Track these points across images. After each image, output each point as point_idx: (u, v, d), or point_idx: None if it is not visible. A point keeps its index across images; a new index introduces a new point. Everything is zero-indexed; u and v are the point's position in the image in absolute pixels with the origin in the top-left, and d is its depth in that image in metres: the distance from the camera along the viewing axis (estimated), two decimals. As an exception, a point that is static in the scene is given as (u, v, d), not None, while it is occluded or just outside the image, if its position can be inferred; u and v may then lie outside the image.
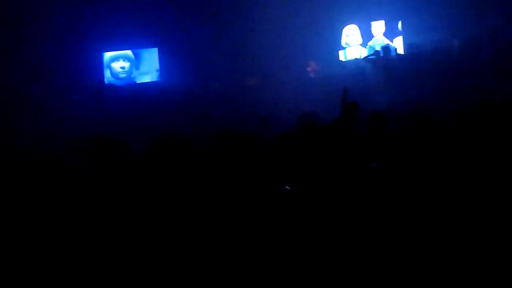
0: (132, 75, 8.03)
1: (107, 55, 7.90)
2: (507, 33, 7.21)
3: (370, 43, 8.82)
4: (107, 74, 7.86)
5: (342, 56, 8.90)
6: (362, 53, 8.67)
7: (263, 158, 3.35)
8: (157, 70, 8.09)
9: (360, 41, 8.87)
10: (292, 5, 8.10)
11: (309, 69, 8.36)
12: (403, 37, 8.70)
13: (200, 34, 8.11)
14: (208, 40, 8.13)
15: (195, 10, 8.07)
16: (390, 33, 8.87)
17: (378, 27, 8.88)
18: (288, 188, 2.84)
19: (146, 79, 8.03)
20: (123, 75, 7.95)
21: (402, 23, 8.73)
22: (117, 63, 7.92)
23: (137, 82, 8.00)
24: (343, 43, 8.89)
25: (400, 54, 8.36)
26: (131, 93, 7.37)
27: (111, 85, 7.61)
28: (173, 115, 6.28)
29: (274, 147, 3.62)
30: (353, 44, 8.85)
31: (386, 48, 8.24)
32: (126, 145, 3.22)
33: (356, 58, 8.60)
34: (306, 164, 3.10)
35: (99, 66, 7.79)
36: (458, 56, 7.23)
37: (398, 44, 8.69)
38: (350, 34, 8.85)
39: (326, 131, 3.28)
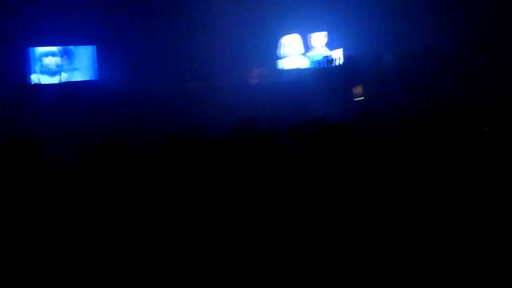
0: (66, 73, 7.61)
1: (38, 50, 7.43)
2: (439, 46, 7.68)
3: (310, 53, 9.03)
4: (37, 70, 7.38)
5: (281, 64, 9.02)
6: (303, 62, 8.85)
7: (198, 162, 3.32)
8: (94, 69, 7.74)
9: (302, 50, 9.05)
10: (235, 10, 8.12)
11: (251, 75, 8.40)
12: (343, 49, 9.00)
13: (140, 34, 7.91)
14: (149, 41, 7.94)
15: (136, 9, 7.84)
16: (330, 44, 9.15)
17: (319, 38, 9.11)
18: (224, 193, 2.83)
19: (82, 77, 7.64)
20: (55, 73, 7.51)
21: (342, 35, 9.03)
22: (48, 59, 7.46)
23: (72, 80, 7.60)
24: (282, 52, 9.00)
25: (340, 65, 8.64)
26: (62, 92, 6.98)
27: (36, 84, 7.14)
28: (109, 117, 6.03)
29: (210, 152, 3.59)
30: (294, 54, 9.01)
31: (328, 59, 8.50)
32: (49, 147, 3.06)
33: (297, 68, 8.76)
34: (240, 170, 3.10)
35: (26, 62, 7.30)
36: (394, 67, 7.61)
37: (338, 56, 8.97)
38: (291, 44, 9.00)
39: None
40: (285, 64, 9.01)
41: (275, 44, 9.03)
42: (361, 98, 7.32)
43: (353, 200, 2.59)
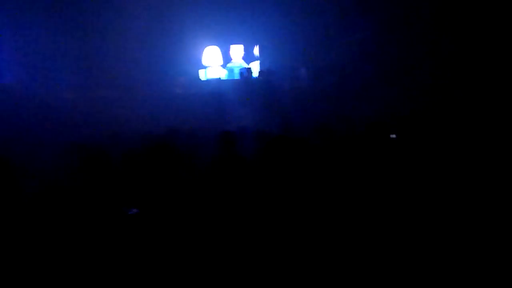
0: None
1: None
2: (353, 63, 8.19)
3: (229, 64, 9.15)
4: None
5: (203, 75, 9.04)
6: (222, 74, 8.95)
7: (110, 173, 3.13)
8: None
9: (221, 62, 9.13)
10: (155, 20, 7.97)
11: (171, 84, 8.27)
12: (260, 62, 9.22)
13: (51, 39, 7.38)
14: (60, 46, 7.44)
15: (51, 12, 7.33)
16: (248, 57, 9.33)
17: (237, 50, 9.26)
18: (135, 211, 2.69)
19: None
20: None
21: (259, 48, 9.26)
22: None
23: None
24: (203, 63, 9.05)
25: (256, 77, 8.84)
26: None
27: None
28: (15, 123, 5.51)
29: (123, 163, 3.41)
30: (214, 64, 9.08)
31: (245, 71, 8.66)
32: None
33: (216, 78, 8.82)
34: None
35: None
36: (308, 81, 7.96)
37: (255, 68, 9.18)
38: (211, 55, 9.07)
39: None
40: (206, 74, 9.02)
41: (198, 55, 9.01)
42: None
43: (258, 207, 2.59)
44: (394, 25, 7.47)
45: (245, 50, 9.29)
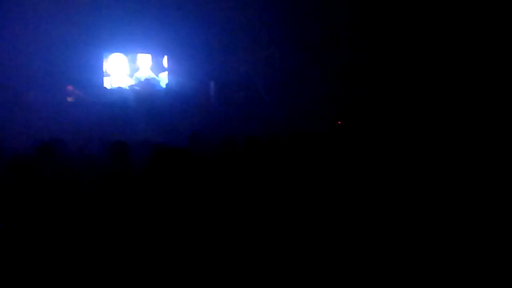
0: None
1: None
2: (253, 82, 8.37)
3: (136, 74, 8.78)
4: None
5: (108, 83, 8.57)
6: (128, 82, 8.55)
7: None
8: None
9: (127, 71, 8.73)
10: (53, 24, 7.42)
11: (68, 93, 7.69)
12: (168, 73, 9.01)
13: None
14: None
15: None
16: (156, 67, 9.07)
17: (144, 59, 8.94)
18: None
19: None
20: None
21: (168, 59, 9.06)
22: None
23: None
24: (107, 71, 8.58)
25: (164, 88, 8.62)
26: None
27: None
28: None
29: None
30: (119, 73, 8.64)
31: (150, 81, 8.39)
32: None
33: (119, 87, 8.40)
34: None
35: None
36: (214, 95, 7.95)
37: (163, 79, 8.95)
38: (116, 63, 8.63)
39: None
40: (112, 83, 8.55)
41: (100, 63, 8.52)
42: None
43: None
44: (298, 41, 7.81)
45: (153, 60, 9.02)
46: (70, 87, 7.84)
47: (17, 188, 2.74)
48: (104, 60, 8.56)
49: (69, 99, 7.72)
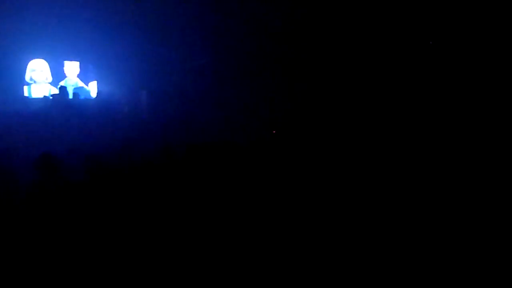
0: None
1: None
2: (185, 91, 8.27)
3: (62, 82, 8.25)
4: None
5: (27, 92, 7.95)
6: (52, 91, 8.00)
7: None
8: None
9: (50, 78, 8.18)
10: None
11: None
12: (97, 82, 8.60)
13: None
14: None
15: None
16: (85, 76, 8.61)
17: (72, 67, 8.45)
18: None
19: None
20: None
21: (97, 68, 8.65)
22: None
23: None
24: (27, 78, 7.97)
25: (93, 98, 8.20)
26: None
27: None
28: None
29: None
30: (41, 81, 8.06)
31: (78, 90, 7.95)
32: None
33: (44, 96, 7.83)
34: None
35: None
36: (147, 105, 7.72)
37: (92, 88, 8.52)
38: (38, 70, 8.04)
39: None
40: (32, 91, 7.94)
41: (21, 69, 7.89)
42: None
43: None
44: (232, 49, 7.87)
45: (82, 68, 8.55)
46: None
47: None
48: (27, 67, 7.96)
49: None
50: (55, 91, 8.05)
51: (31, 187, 3.23)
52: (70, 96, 7.83)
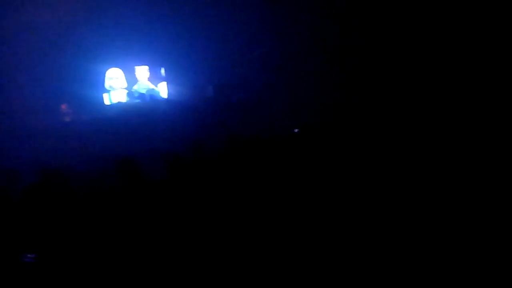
0: None
1: None
2: (253, 81, 8.38)
3: (135, 87, 8.83)
4: None
5: (107, 99, 8.61)
6: (127, 96, 8.60)
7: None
8: None
9: (125, 84, 8.78)
10: (41, 43, 7.46)
11: (65, 112, 7.73)
12: (167, 83, 9.04)
13: None
14: None
15: None
16: (154, 78, 9.10)
17: (142, 72, 8.99)
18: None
19: None
20: None
21: (165, 70, 9.09)
22: None
23: None
24: (106, 86, 8.63)
25: (164, 98, 8.65)
26: None
27: None
28: None
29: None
30: (117, 87, 8.69)
31: (150, 93, 8.43)
32: None
33: (119, 102, 8.44)
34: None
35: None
36: (213, 99, 7.98)
37: (163, 89, 8.98)
38: (114, 77, 8.68)
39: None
40: (111, 98, 8.60)
41: (99, 79, 8.59)
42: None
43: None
44: (291, 38, 7.83)
45: (150, 71, 9.06)
46: (64, 106, 7.86)
47: (34, 214, 2.80)
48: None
49: (67, 118, 7.74)
50: (130, 95, 8.64)
51: (116, 187, 3.49)
52: (144, 99, 8.37)
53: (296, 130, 4.10)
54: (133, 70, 8.91)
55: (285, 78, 7.82)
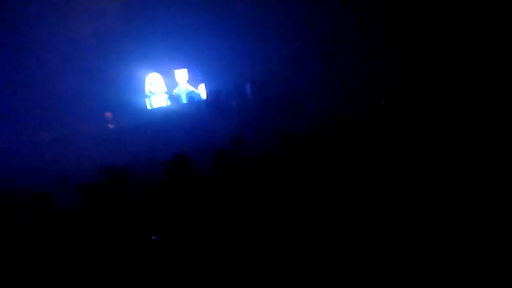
0: None
1: None
2: (287, 77, 8.33)
3: (175, 90, 9.00)
4: None
5: (148, 104, 8.82)
6: (168, 100, 8.77)
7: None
8: None
9: (165, 89, 8.96)
10: (84, 53, 7.74)
11: (109, 119, 7.98)
12: (205, 84, 9.15)
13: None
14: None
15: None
16: (193, 80, 9.24)
17: (181, 75, 9.15)
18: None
19: None
20: None
21: (203, 71, 9.21)
22: None
23: None
24: (147, 92, 8.84)
25: (204, 99, 8.76)
26: None
27: None
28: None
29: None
30: (157, 92, 8.88)
31: (191, 95, 8.56)
32: None
33: (161, 106, 8.63)
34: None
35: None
36: (251, 97, 7.98)
37: (202, 90, 9.10)
38: (153, 82, 8.88)
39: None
40: (152, 103, 8.81)
41: (140, 84, 8.82)
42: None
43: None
44: (324, 32, 7.72)
45: (189, 73, 9.21)
46: (108, 114, 8.09)
47: (96, 212, 2.90)
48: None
49: (110, 125, 7.97)
50: (172, 98, 8.80)
51: (167, 186, 3.55)
52: (184, 101, 8.51)
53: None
54: (173, 74, 9.08)
55: (322, 71, 7.71)
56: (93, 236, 2.66)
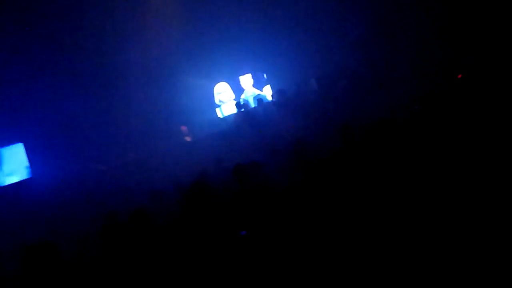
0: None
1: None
2: (353, 67, 8.15)
3: (242, 96, 9.24)
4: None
5: (219, 112, 9.15)
6: (236, 107, 9.00)
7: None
8: (26, 167, 7.36)
9: (233, 96, 9.24)
10: (157, 67, 8.23)
11: (185, 133, 8.41)
12: (270, 85, 9.28)
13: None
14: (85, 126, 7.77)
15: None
16: (258, 84, 9.42)
17: (246, 80, 9.37)
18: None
19: (14, 179, 7.24)
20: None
21: (267, 73, 9.35)
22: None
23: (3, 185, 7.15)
24: (216, 101, 9.17)
25: (271, 101, 8.88)
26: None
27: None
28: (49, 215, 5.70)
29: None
30: (227, 100, 9.19)
31: (258, 98, 8.74)
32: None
33: (230, 114, 8.90)
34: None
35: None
36: (318, 91, 7.93)
37: (268, 92, 9.24)
38: (222, 92, 9.20)
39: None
40: (223, 111, 9.12)
41: (210, 94, 9.19)
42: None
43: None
44: (381, 20, 7.45)
45: (254, 77, 9.41)
46: (184, 127, 8.50)
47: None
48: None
49: (188, 138, 8.36)
50: (240, 104, 9.03)
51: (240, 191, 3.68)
52: (253, 105, 8.70)
53: (416, 107, 3.87)
54: (238, 81, 9.34)
55: (382, 58, 7.45)
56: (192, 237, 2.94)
